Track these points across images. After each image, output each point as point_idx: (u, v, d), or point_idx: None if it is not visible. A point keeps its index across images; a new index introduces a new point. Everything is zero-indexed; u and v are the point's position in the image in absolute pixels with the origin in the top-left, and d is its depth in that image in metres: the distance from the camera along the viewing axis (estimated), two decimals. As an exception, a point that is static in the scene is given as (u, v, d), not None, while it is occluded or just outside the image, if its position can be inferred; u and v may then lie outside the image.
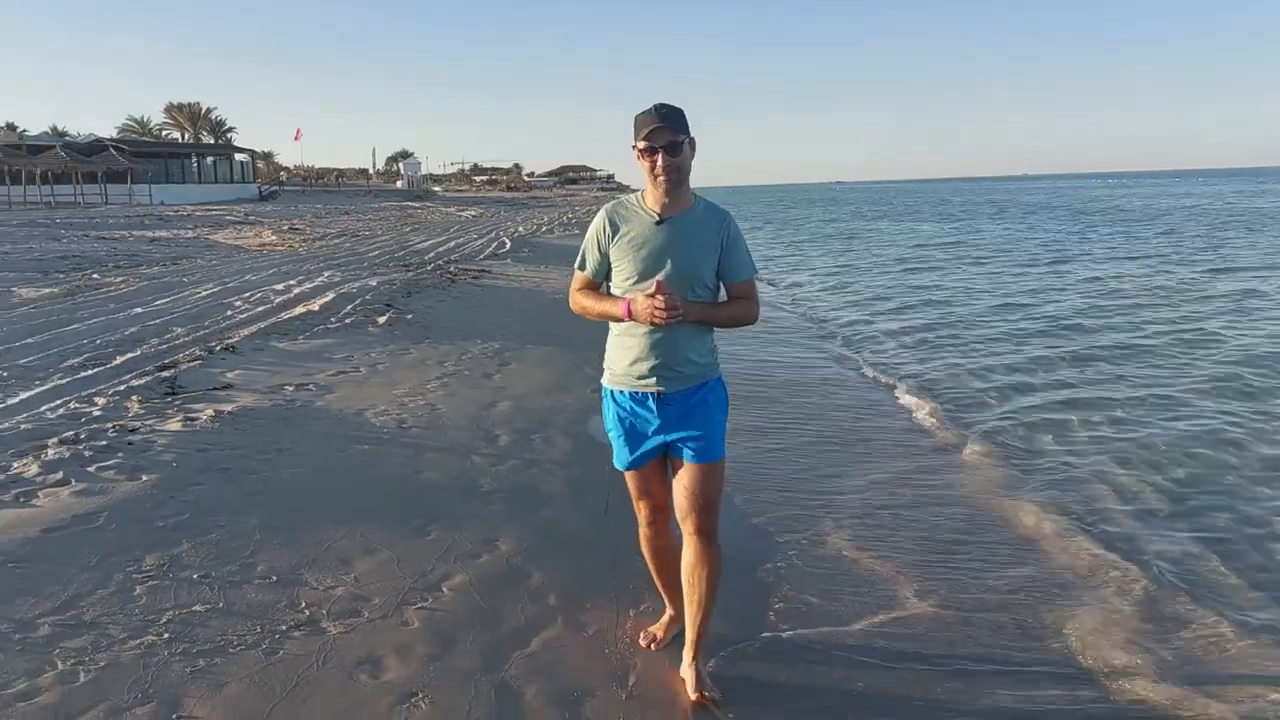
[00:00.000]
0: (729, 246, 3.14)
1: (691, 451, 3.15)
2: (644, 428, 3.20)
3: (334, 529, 4.50)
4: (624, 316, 3.07)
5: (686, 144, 3.05)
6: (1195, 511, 5.65)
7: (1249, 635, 4.04)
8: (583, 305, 3.25)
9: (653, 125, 2.98)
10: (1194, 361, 10.20)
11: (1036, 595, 4.39)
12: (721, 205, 3.23)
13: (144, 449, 5.29)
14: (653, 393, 3.14)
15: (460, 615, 3.77)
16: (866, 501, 5.69)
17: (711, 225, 3.13)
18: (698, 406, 3.16)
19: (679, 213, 3.10)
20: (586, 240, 3.24)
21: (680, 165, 3.04)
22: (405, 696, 3.16)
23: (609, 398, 3.28)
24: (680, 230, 3.08)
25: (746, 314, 3.20)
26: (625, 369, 3.18)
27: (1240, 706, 3.46)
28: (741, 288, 3.20)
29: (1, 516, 4.27)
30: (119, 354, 8.10)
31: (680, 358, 3.12)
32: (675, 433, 3.16)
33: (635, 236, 3.10)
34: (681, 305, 2.97)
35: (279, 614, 3.65)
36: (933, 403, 8.38)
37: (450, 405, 7.08)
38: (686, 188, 3.13)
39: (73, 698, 2.99)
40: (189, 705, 3.01)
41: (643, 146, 3.01)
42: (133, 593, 3.71)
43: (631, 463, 3.27)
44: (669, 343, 3.09)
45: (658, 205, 3.10)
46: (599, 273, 3.22)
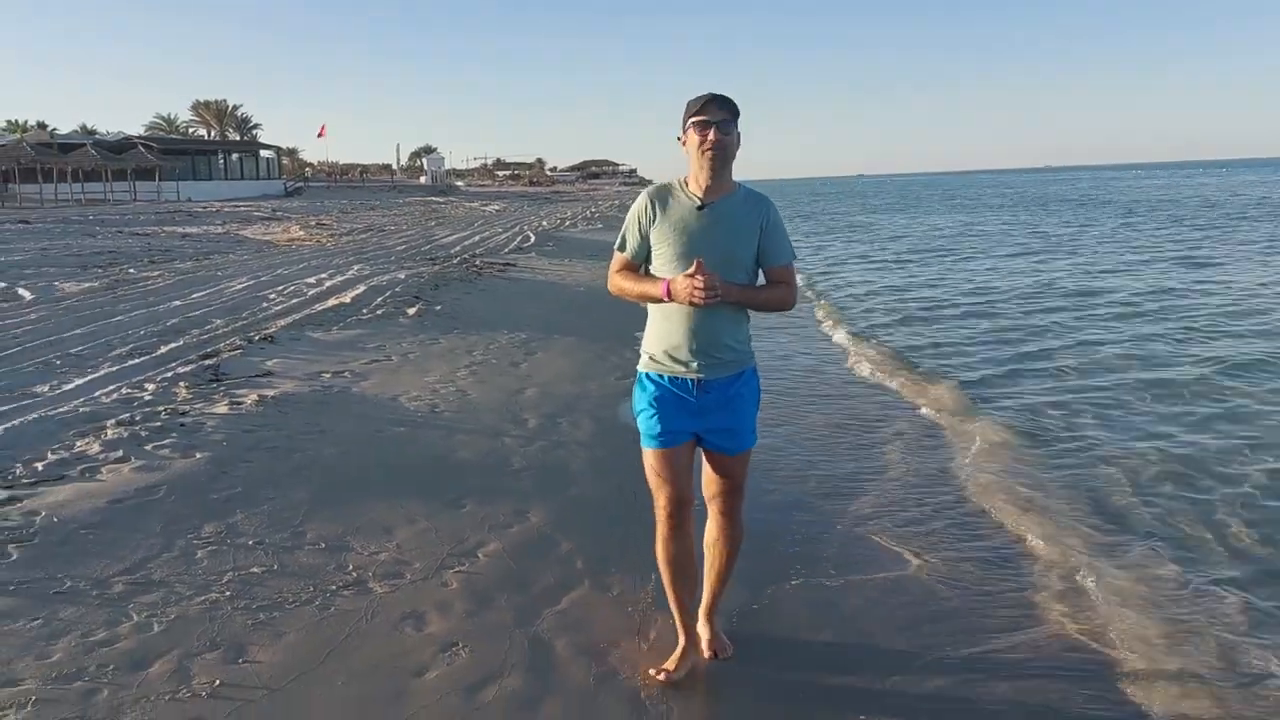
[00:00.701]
0: (769, 231, 3.16)
1: (725, 442, 3.23)
2: (679, 411, 3.18)
3: (375, 502, 4.81)
4: (663, 296, 3.08)
5: (736, 130, 3.10)
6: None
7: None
8: (621, 286, 3.27)
9: (708, 100, 3.05)
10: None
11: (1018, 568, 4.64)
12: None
13: (195, 430, 5.63)
14: (693, 379, 3.15)
15: (495, 578, 4.07)
16: (869, 479, 5.95)
17: (752, 211, 3.17)
18: (734, 398, 3.20)
19: (721, 197, 3.13)
20: (627, 221, 3.25)
21: (729, 145, 3.07)
22: (447, 646, 3.47)
23: (644, 380, 3.25)
24: (722, 215, 3.11)
25: (785, 298, 3.23)
26: (664, 354, 3.18)
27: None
28: (780, 272, 3.22)
29: (70, 489, 4.61)
30: (163, 344, 8.46)
31: (719, 344, 3.14)
32: (710, 422, 3.19)
33: (677, 220, 3.13)
34: (720, 286, 2.98)
35: (329, 575, 3.97)
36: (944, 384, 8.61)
37: (480, 391, 7.38)
38: (729, 174, 3.15)
39: (148, 645, 3.31)
40: (252, 652, 3.32)
41: (697, 120, 3.05)
42: (195, 556, 4.03)
43: (664, 438, 3.19)
44: (708, 328, 3.11)
45: (700, 189, 3.13)
46: (639, 254, 3.23)
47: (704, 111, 3.04)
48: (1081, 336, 11.52)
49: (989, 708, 3.31)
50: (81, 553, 3.96)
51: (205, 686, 3.08)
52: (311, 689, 3.13)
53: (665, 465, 3.20)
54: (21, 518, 4.23)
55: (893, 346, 11.23)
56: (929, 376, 9.35)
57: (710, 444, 3.24)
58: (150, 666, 3.18)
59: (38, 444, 5.23)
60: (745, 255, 3.14)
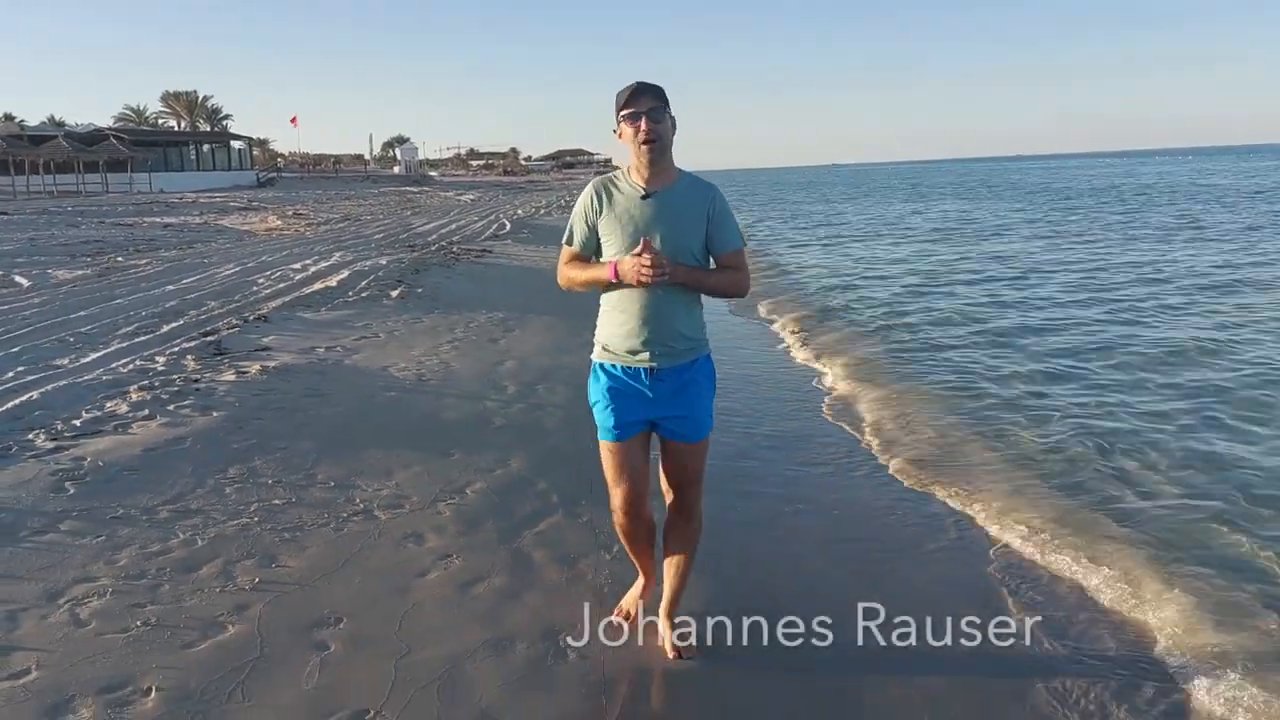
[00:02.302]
0: (715, 219, 3.16)
1: (681, 430, 3.23)
2: (633, 401, 3.20)
3: (374, 451, 5.50)
4: (610, 278, 3.09)
5: (668, 115, 3.09)
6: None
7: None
8: (570, 276, 3.27)
9: (634, 90, 3.04)
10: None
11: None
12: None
13: (209, 394, 6.29)
14: (646, 368, 3.16)
15: (481, 508, 4.78)
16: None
17: (698, 198, 3.16)
18: (688, 384, 3.20)
19: (665, 186, 3.13)
20: (574, 215, 3.27)
21: (663, 133, 3.07)
22: (443, 556, 4.18)
23: (599, 371, 3.28)
24: (667, 204, 3.11)
25: (737, 283, 3.22)
26: (617, 343, 3.19)
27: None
28: (730, 258, 3.21)
29: (109, 440, 5.28)
30: (164, 323, 9.08)
31: (672, 332, 3.15)
32: (665, 410, 3.20)
33: (623, 210, 3.13)
34: (669, 265, 3.00)
35: (340, 506, 4.66)
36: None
37: (462, 363, 8.07)
38: (670, 161, 3.16)
39: (196, 554, 4.01)
40: (282, 559, 4.02)
41: (627, 113, 3.05)
42: (224, 492, 4.72)
43: (618, 431, 3.23)
44: (661, 316, 3.12)
45: (643, 179, 3.13)
46: (587, 247, 3.23)
47: (632, 103, 3.04)
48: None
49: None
50: (127, 488, 4.64)
51: (247, 582, 3.78)
52: (333, 585, 3.83)
53: (621, 457, 3.26)
54: (71, 462, 4.89)
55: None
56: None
57: (666, 431, 3.26)
58: (200, 570, 3.87)
59: (71, 405, 5.88)
60: (694, 243, 3.14)
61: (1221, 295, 13.28)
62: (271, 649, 3.32)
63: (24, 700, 2.95)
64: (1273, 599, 4.10)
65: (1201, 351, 9.42)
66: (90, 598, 3.58)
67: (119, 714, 2.90)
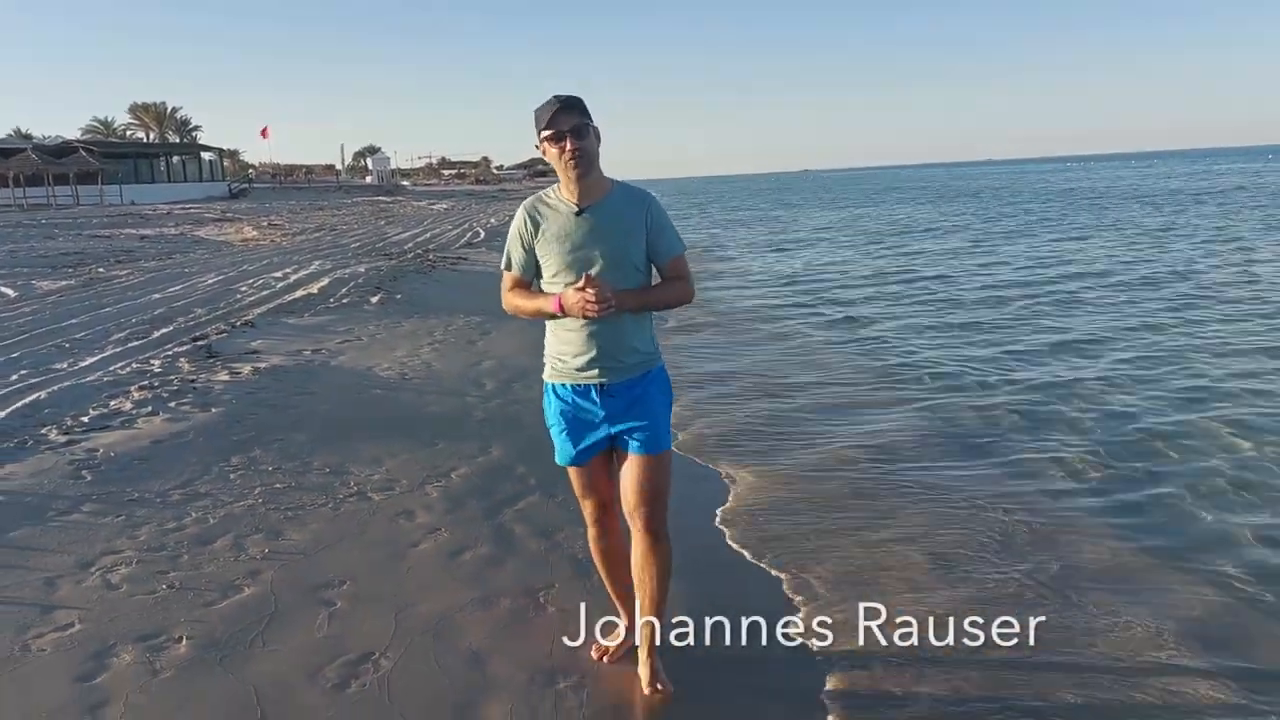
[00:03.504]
0: (654, 227, 3.08)
1: (638, 443, 3.12)
2: (587, 421, 3.16)
3: (364, 442, 5.94)
4: (556, 312, 3.01)
5: (591, 129, 2.99)
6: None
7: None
8: (515, 305, 3.17)
9: (555, 110, 2.93)
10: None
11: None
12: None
13: (206, 392, 6.71)
14: (596, 384, 3.10)
15: (466, 490, 5.23)
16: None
17: (634, 208, 3.07)
18: (641, 397, 3.13)
19: (597, 200, 3.05)
20: (509, 239, 3.17)
21: (588, 149, 2.97)
22: (432, 530, 4.63)
23: (550, 392, 3.23)
24: (602, 218, 3.03)
25: (681, 293, 3.14)
26: (566, 362, 3.13)
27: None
28: (673, 265, 3.14)
29: (116, 434, 5.69)
30: (154, 329, 9.46)
31: (623, 347, 3.08)
32: (620, 424, 3.13)
33: (558, 230, 3.04)
34: (613, 295, 2.91)
35: (336, 489, 5.10)
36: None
37: (443, 363, 8.51)
38: (599, 174, 3.06)
39: (209, 530, 4.44)
40: (287, 534, 4.46)
41: (548, 134, 2.95)
42: (229, 477, 5.15)
43: (575, 458, 3.21)
44: (609, 333, 3.05)
45: (574, 195, 3.04)
46: (527, 270, 3.15)
47: (554, 123, 2.94)
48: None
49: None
50: (139, 475, 5.06)
51: (258, 553, 4.22)
52: (335, 555, 4.28)
53: (584, 479, 3.28)
54: (84, 453, 5.31)
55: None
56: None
57: (624, 444, 3.16)
58: (214, 542, 4.31)
59: (78, 404, 6.28)
60: (635, 255, 3.06)
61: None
62: (284, 606, 3.76)
63: (71, 648, 3.38)
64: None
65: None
66: (118, 566, 4.01)
67: (156, 657, 3.33)
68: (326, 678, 3.26)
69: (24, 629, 3.50)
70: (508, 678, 3.32)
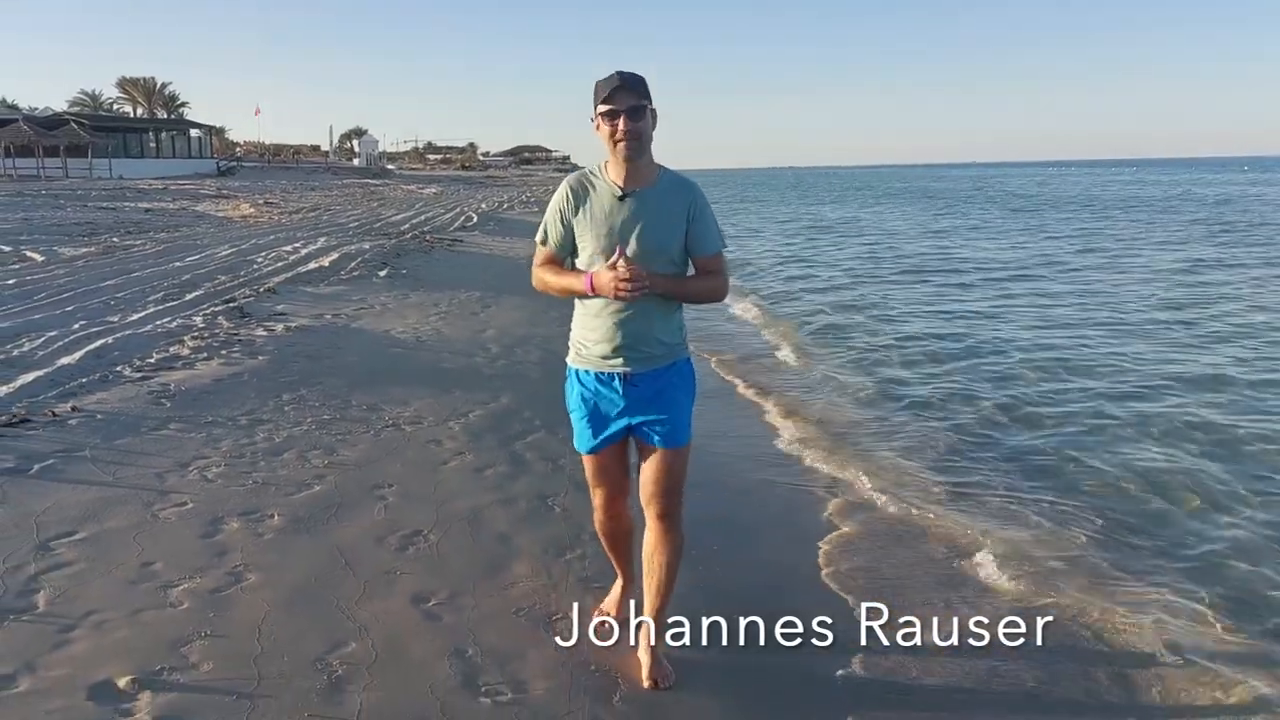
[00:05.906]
0: (696, 218, 3.01)
1: (658, 436, 3.08)
2: (608, 410, 3.12)
3: (392, 387, 6.91)
4: (587, 291, 2.96)
5: (649, 111, 2.92)
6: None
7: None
8: (545, 281, 3.11)
9: (615, 86, 2.86)
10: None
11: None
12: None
13: (250, 344, 7.66)
14: (620, 373, 3.06)
15: (482, 426, 6.22)
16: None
17: (678, 197, 3.01)
18: (665, 389, 3.08)
19: (643, 185, 2.97)
20: (548, 213, 3.09)
21: (642, 131, 2.90)
22: (458, 453, 5.61)
23: (573, 377, 3.20)
24: (646, 204, 2.96)
25: (716, 289, 3.09)
26: (591, 348, 3.09)
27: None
28: (710, 261, 3.06)
29: (182, 374, 6.66)
30: (186, 292, 10.38)
31: (649, 338, 3.03)
32: (641, 416, 3.08)
33: (599, 210, 2.98)
34: (647, 277, 2.86)
35: (373, 422, 6.08)
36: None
37: (452, 330, 9.48)
38: (649, 158, 2.99)
39: (277, 446, 5.42)
40: (341, 451, 5.44)
41: (604, 110, 2.88)
42: (284, 409, 6.12)
43: (594, 447, 3.19)
44: (637, 322, 2.99)
45: (620, 177, 2.97)
46: (563, 247, 3.09)
47: (611, 100, 2.87)
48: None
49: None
50: (210, 404, 6.03)
51: (319, 463, 5.21)
52: (381, 467, 5.26)
53: (598, 467, 3.26)
54: (159, 386, 6.27)
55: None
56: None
57: (644, 436, 3.12)
58: (283, 454, 5.29)
59: (141, 349, 7.23)
60: (673, 245, 3.00)
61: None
62: (348, 499, 4.74)
63: (190, 519, 4.35)
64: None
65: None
66: (210, 467, 4.99)
67: (258, 525, 4.32)
68: (389, 544, 4.25)
69: (149, 505, 4.47)
70: (527, 550, 4.32)
